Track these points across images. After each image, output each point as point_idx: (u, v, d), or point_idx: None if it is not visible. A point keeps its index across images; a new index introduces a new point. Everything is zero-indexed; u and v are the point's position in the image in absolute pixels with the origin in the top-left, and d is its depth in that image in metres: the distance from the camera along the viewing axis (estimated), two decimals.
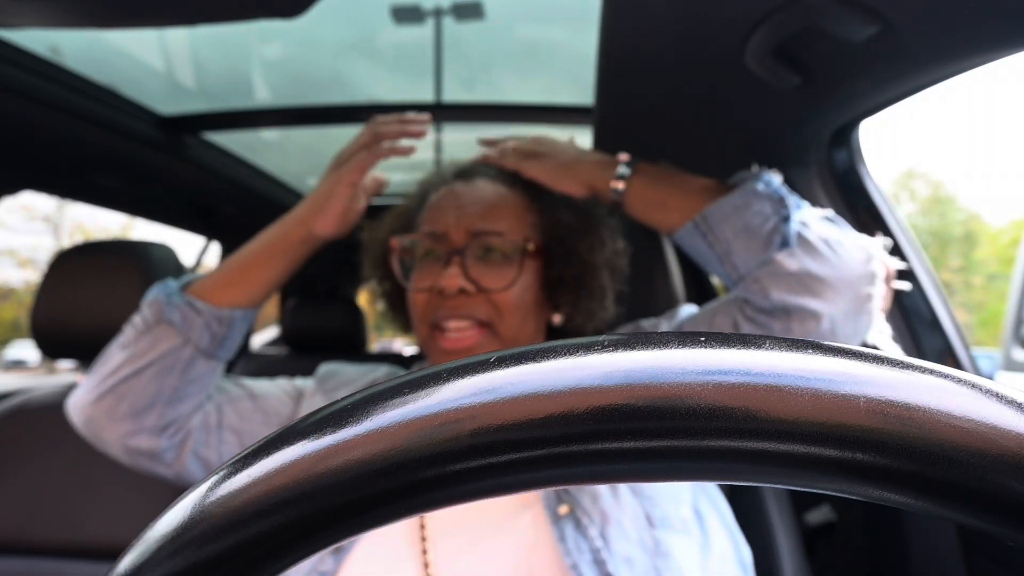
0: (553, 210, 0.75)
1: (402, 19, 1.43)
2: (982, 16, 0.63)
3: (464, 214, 0.70)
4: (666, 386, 0.14)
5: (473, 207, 0.70)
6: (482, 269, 0.68)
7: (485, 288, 0.67)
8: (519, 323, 0.69)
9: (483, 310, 0.67)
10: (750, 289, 0.65)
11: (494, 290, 0.67)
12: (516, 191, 0.74)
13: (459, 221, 0.69)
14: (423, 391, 0.15)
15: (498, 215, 0.70)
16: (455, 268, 0.66)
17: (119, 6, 0.76)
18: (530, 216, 0.73)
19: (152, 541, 0.15)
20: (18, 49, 1.02)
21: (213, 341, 0.70)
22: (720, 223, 0.67)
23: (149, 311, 0.71)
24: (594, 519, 0.56)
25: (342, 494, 0.15)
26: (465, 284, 0.66)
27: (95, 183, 1.39)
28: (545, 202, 0.75)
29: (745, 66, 0.83)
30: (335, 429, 0.15)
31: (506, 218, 0.71)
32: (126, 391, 0.67)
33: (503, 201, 0.72)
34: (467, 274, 0.66)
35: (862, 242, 0.68)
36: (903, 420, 0.14)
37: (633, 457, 0.15)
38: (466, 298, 0.66)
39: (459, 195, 0.72)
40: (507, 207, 0.72)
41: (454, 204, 0.71)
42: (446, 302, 0.67)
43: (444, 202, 0.72)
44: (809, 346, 0.15)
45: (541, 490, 0.59)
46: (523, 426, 0.14)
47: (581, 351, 0.15)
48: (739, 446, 0.14)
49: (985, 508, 0.14)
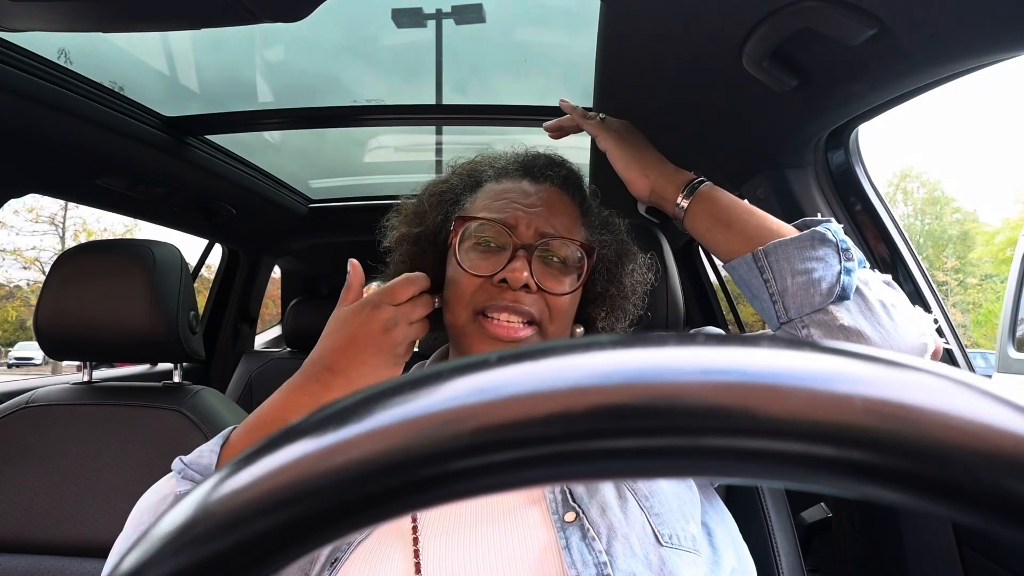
0: (598, 230, 0.77)
1: (403, 22, 1.44)
2: (978, 20, 0.64)
3: (536, 213, 0.70)
4: (665, 385, 0.15)
5: (544, 208, 0.71)
6: (544, 270, 0.69)
7: (546, 289, 0.68)
8: (563, 328, 0.70)
9: (538, 309, 0.67)
10: (795, 334, 0.64)
11: (554, 293, 0.68)
12: (575, 203, 0.76)
13: (531, 218, 0.69)
14: (424, 390, 0.16)
15: (565, 222, 0.72)
16: (522, 262, 0.66)
17: (124, 10, 0.77)
18: (583, 231, 0.75)
19: (155, 539, 0.15)
20: (24, 52, 1.02)
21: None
22: (782, 261, 0.65)
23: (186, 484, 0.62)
24: (601, 532, 0.55)
25: (344, 492, 0.15)
26: (530, 280, 0.66)
27: (100, 185, 1.40)
28: (590, 220, 0.77)
29: (743, 69, 0.83)
30: (336, 428, 0.15)
31: (571, 227, 0.72)
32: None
33: (568, 209, 0.73)
34: (532, 272, 0.67)
35: (917, 314, 0.66)
36: (899, 419, 0.14)
37: (632, 455, 0.15)
38: (525, 294, 0.67)
39: (529, 193, 0.72)
40: (571, 216, 0.73)
41: (525, 200, 0.71)
42: (504, 294, 0.66)
43: (512, 195, 0.72)
44: (807, 346, 0.16)
45: (547, 494, 0.58)
46: (523, 424, 0.15)
47: (581, 350, 0.16)
48: (737, 445, 0.14)
49: (980, 507, 0.14)
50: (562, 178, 0.75)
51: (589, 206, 0.78)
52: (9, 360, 17.23)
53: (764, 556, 0.84)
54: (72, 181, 1.38)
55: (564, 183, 0.75)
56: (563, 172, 0.76)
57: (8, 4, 0.73)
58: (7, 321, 18.99)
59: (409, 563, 0.56)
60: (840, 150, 1.07)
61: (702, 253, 2.11)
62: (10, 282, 19.21)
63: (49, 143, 1.19)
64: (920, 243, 22.56)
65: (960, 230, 22.55)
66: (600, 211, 0.80)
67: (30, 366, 16.12)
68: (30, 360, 16.23)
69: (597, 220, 0.78)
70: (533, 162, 0.77)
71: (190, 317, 1.12)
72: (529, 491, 0.60)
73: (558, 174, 0.75)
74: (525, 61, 1.58)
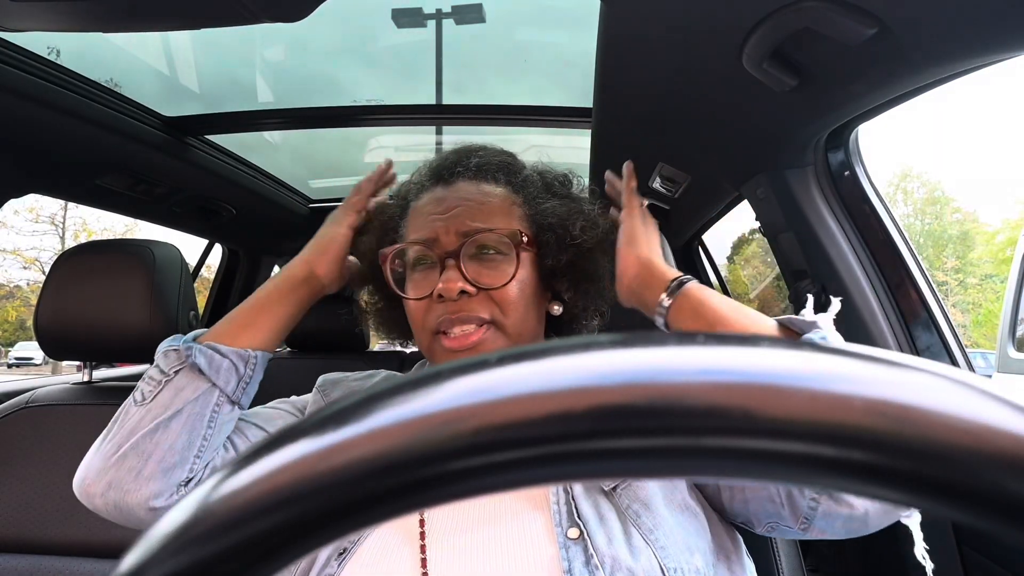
0: (537, 200, 0.73)
1: (403, 22, 1.44)
2: (978, 20, 0.64)
3: (451, 216, 0.68)
4: (665, 385, 0.15)
5: (459, 208, 0.69)
6: (479, 268, 0.67)
7: (485, 286, 0.66)
8: (522, 317, 0.68)
9: (486, 309, 0.66)
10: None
11: (494, 287, 0.66)
12: (498, 186, 0.73)
13: (448, 224, 0.68)
14: (424, 390, 0.16)
15: (485, 212, 0.69)
16: (452, 271, 0.65)
17: (124, 10, 0.77)
18: (516, 209, 0.72)
19: (156, 539, 0.15)
20: (23, 52, 1.02)
21: (240, 384, 0.68)
22: None
23: (167, 360, 0.67)
24: (605, 562, 0.54)
25: (344, 492, 0.15)
26: (465, 285, 0.65)
27: (100, 185, 1.40)
28: (528, 193, 0.74)
29: (743, 69, 0.83)
30: (337, 428, 0.15)
31: (494, 214, 0.69)
32: (152, 448, 0.63)
33: (487, 198, 0.71)
34: (465, 275, 0.65)
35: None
36: (899, 419, 0.14)
37: (632, 455, 0.15)
38: (467, 300, 0.66)
39: (442, 199, 0.71)
40: (492, 203, 0.71)
41: (439, 208, 0.70)
42: (448, 307, 0.65)
43: (428, 208, 0.71)
44: (807, 346, 0.16)
45: (552, 504, 0.58)
46: (524, 424, 0.15)
47: (581, 350, 0.16)
48: (737, 445, 0.14)
49: (980, 507, 0.14)
50: (475, 168, 0.73)
51: (522, 182, 0.74)
52: (9, 360, 17.25)
53: (764, 556, 0.84)
54: (72, 181, 1.38)
55: (478, 173, 0.73)
56: (474, 161, 0.74)
57: (8, 4, 0.73)
58: (7, 321, 19.00)
59: (416, 566, 0.56)
60: (840, 150, 1.07)
61: (702, 253, 2.12)
62: (10, 282, 19.23)
63: (49, 143, 1.19)
64: (920, 243, 22.60)
65: (960, 230, 22.59)
66: (541, 178, 0.77)
67: (30, 366, 16.13)
68: (30, 360, 16.25)
69: (535, 190, 0.74)
70: (442, 165, 0.75)
71: (190, 317, 1.12)
72: (533, 497, 0.60)
73: (468, 166, 0.73)
74: (525, 61, 1.58)
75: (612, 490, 0.60)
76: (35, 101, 1.05)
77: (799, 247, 1.14)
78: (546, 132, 1.60)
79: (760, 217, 1.27)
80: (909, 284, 1.05)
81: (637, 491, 0.59)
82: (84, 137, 1.20)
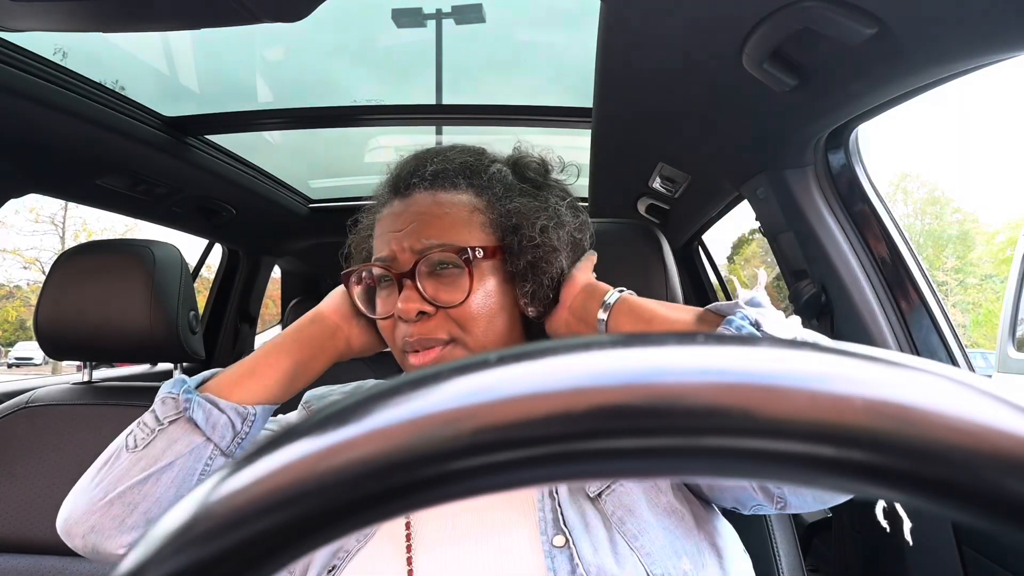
0: (501, 201, 0.69)
1: (403, 22, 1.44)
2: (978, 20, 0.64)
3: (405, 234, 0.66)
4: (665, 385, 0.15)
5: (412, 225, 0.67)
6: (436, 285, 0.65)
7: (443, 304, 0.64)
8: (484, 331, 0.66)
9: (444, 329, 0.65)
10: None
11: (452, 305, 0.64)
12: (458, 192, 0.69)
13: (402, 242, 0.66)
14: (424, 390, 0.16)
15: (439, 226, 0.66)
16: (409, 291, 0.64)
17: (124, 10, 0.77)
18: (477, 216, 0.68)
19: (156, 539, 0.15)
20: (24, 52, 1.02)
21: (235, 440, 0.66)
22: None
23: (164, 408, 0.65)
24: (591, 571, 0.54)
25: (344, 491, 0.15)
26: (422, 306, 0.64)
27: (100, 185, 1.40)
28: (493, 194, 0.70)
29: (743, 69, 0.83)
30: (337, 428, 0.15)
31: (449, 227, 0.67)
32: (139, 499, 0.61)
33: (442, 209, 0.68)
34: (423, 295, 0.64)
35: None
36: (899, 419, 0.14)
37: (631, 455, 0.15)
38: (426, 320, 0.64)
39: (397, 215, 0.68)
40: (448, 215, 0.67)
41: (394, 226, 0.68)
42: (409, 328, 0.64)
43: (386, 223, 0.69)
44: (807, 346, 0.16)
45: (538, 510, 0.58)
46: (523, 424, 0.15)
47: (581, 350, 0.16)
48: (737, 445, 0.14)
49: (981, 506, 0.14)
50: (430, 177, 0.69)
51: (486, 183, 0.70)
52: (9, 360, 17.25)
53: (764, 556, 0.84)
54: (72, 181, 1.38)
55: (434, 182, 0.69)
56: (430, 169, 0.69)
57: (8, 4, 0.73)
58: (7, 321, 19.00)
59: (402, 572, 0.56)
60: (840, 150, 1.07)
61: (702, 253, 2.12)
62: (10, 282, 19.24)
63: (49, 143, 1.19)
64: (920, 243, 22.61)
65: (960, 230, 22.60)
66: (514, 170, 0.73)
67: (30, 366, 16.13)
68: (30, 360, 16.24)
69: (501, 189, 0.70)
70: (398, 176, 0.71)
71: (190, 317, 1.12)
72: (520, 506, 0.60)
73: (424, 175, 0.69)
74: (525, 61, 1.58)
75: (597, 496, 0.60)
76: (35, 101, 1.05)
77: (799, 247, 1.14)
78: (546, 132, 1.60)
79: (760, 217, 1.27)
80: (909, 284, 1.05)
81: (622, 497, 0.59)
82: (84, 137, 1.20)
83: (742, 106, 0.97)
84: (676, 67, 0.93)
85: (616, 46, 0.92)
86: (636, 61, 0.94)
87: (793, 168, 1.08)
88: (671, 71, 0.94)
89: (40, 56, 1.05)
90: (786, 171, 1.09)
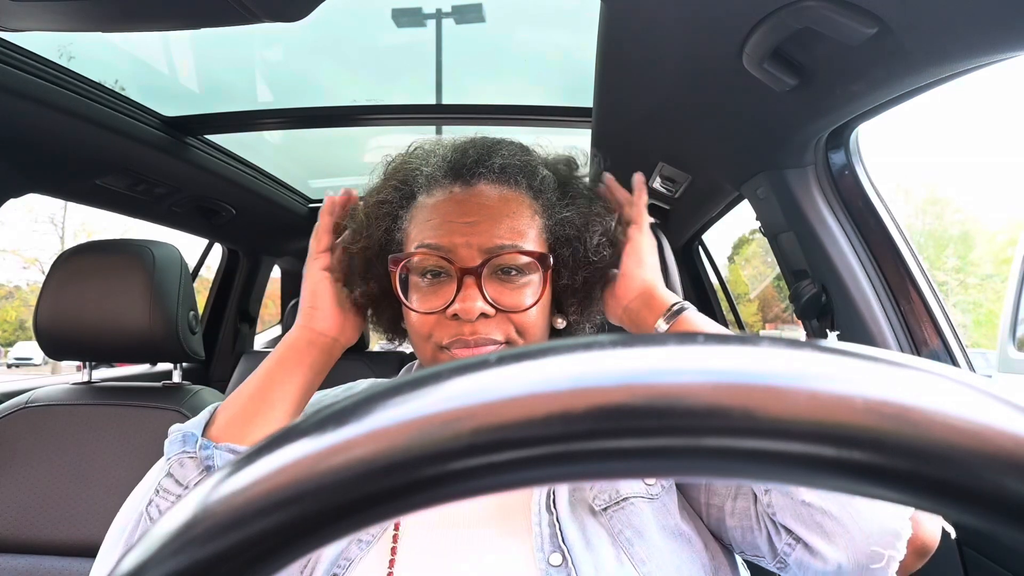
0: (555, 208, 0.66)
1: (403, 22, 1.44)
2: (978, 20, 0.64)
3: (474, 229, 0.61)
4: (665, 385, 0.15)
5: (483, 219, 0.61)
6: (499, 288, 0.61)
7: (506, 308, 0.61)
8: (539, 337, 0.64)
9: (503, 331, 0.61)
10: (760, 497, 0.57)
11: (517, 311, 0.61)
12: (520, 191, 0.65)
13: (470, 237, 0.61)
14: (424, 390, 0.16)
15: (509, 227, 0.62)
16: (472, 290, 0.59)
17: (124, 10, 0.77)
18: (538, 220, 0.65)
19: (155, 539, 0.15)
20: (24, 52, 1.02)
21: None
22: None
23: (184, 471, 0.59)
24: None
25: (344, 492, 0.15)
26: (485, 308, 0.59)
27: (100, 185, 1.40)
28: (546, 200, 0.66)
29: (743, 68, 0.83)
30: (336, 428, 0.15)
31: (520, 230, 0.62)
32: None
33: (510, 208, 0.63)
34: (485, 297, 0.59)
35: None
36: (900, 419, 0.14)
37: (632, 455, 0.15)
38: (485, 321, 0.60)
39: (462, 203, 0.63)
40: (516, 215, 0.63)
41: (458, 215, 0.62)
42: (463, 327, 0.60)
43: (445, 211, 0.63)
44: (807, 346, 0.15)
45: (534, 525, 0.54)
46: (523, 425, 0.15)
47: (581, 350, 0.16)
48: (737, 445, 0.14)
49: (981, 507, 0.14)
50: (498, 170, 0.64)
51: (540, 185, 0.66)
52: (9, 360, 17.25)
53: None
54: (72, 181, 1.38)
55: (501, 175, 0.64)
56: (498, 162, 0.65)
57: (8, 4, 0.73)
58: (7, 321, 18.99)
59: None
60: (840, 150, 1.07)
61: (702, 253, 2.12)
62: (10, 282, 19.23)
63: (49, 143, 1.19)
64: (921, 243, 22.61)
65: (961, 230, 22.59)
66: (555, 174, 0.69)
67: (30, 366, 16.12)
68: (30, 360, 16.24)
69: (552, 194, 0.67)
70: (461, 161, 0.65)
71: (190, 317, 1.12)
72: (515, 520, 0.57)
73: (492, 167, 0.64)
74: (525, 61, 1.58)
75: (604, 510, 0.57)
76: (35, 101, 1.05)
77: (799, 247, 1.14)
78: (546, 131, 1.60)
79: (760, 217, 1.27)
80: (909, 284, 1.04)
81: (631, 516, 0.56)
82: (84, 137, 1.20)
83: (742, 106, 0.97)
84: (676, 67, 0.93)
85: (616, 46, 0.92)
86: (636, 61, 0.94)
87: (793, 168, 1.08)
88: (671, 71, 0.94)
89: (40, 56, 1.05)
90: (786, 171, 1.09)
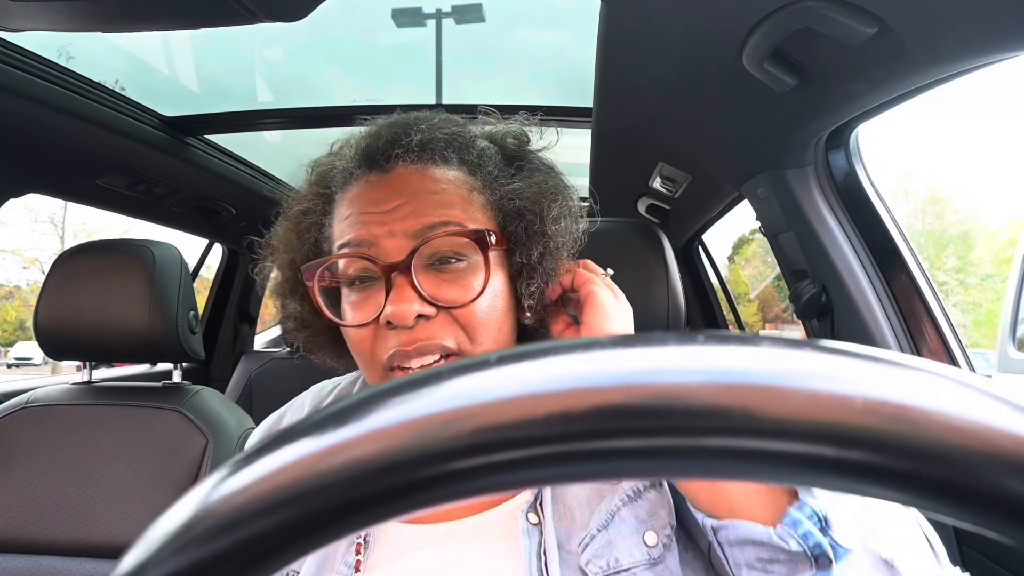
0: (499, 180, 0.57)
1: (403, 22, 1.44)
2: (978, 20, 0.64)
3: (395, 215, 0.52)
4: (665, 385, 0.15)
5: (401, 203, 0.52)
6: (437, 281, 0.51)
7: (447, 304, 0.51)
8: (493, 338, 0.53)
9: (449, 334, 0.51)
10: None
11: (459, 305, 0.51)
12: (450, 167, 0.56)
13: (391, 225, 0.51)
14: (425, 390, 0.16)
15: (437, 204, 0.52)
16: (403, 290, 0.49)
17: (124, 10, 0.77)
18: (476, 196, 0.55)
19: (155, 539, 0.15)
20: (24, 52, 1.02)
21: None
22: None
23: None
24: None
25: (344, 492, 0.15)
26: (422, 308, 0.50)
27: (100, 185, 1.40)
28: (486, 173, 0.57)
29: (743, 69, 0.83)
30: (336, 428, 0.15)
31: (452, 205, 0.53)
32: None
33: (438, 185, 0.54)
34: (420, 293, 0.50)
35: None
36: (899, 419, 0.14)
37: (632, 455, 0.15)
38: (426, 324, 0.50)
39: (379, 190, 0.54)
40: (446, 191, 0.54)
41: (375, 204, 0.53)
42: (400, 336, 0.50)
43: (360, 203, 0.54)
44: (806, 345, 0.15)
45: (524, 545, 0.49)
46: (523, 425, 0.15)
47: (581, 350, 0.16)
48: (737, 445, 0.14)
49: (981, 507, 0.14)
50: (417, 147, 0.55)
51: (478, 159, 0.57)
52: (9, 360, 17.24)
53: None
54: (72, 181, 1.38)
55: (423, 153, 0.55)
56: (416, 139, 0.55)
57: (8, 4, 0.73)
58: (7, 321, 18.99)
59: None
60: (840, 150, 1.07)
61: (702, 253, 2.12)
62: (10, 282, 19.24)
63: (49, 143, 1.19)
64: (921, 243, 22.61)
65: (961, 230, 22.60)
66: (498, 147, 0.61)
67: (30, 366, 16.12)
68: (29, 360, 16.24)
69: (494, 167, 0.58)
70: (374, 145, 0.56)
71: (190, 317, 1.12)
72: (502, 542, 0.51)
73: (409, 146, 0.55)
74: (525, 60, 1.58)
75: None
76: (35, 101, 1.05)
77: (799, 247, 1.14)
78: (546, 131, 1.60)
79: (760, 217, 1.27)
80: (909, 284, 1.04)
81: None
82: (84, 137, 1.20)
83: (742, 106, 0.97)
84: (676, 67, 0.92)
85: (616, 46, 0.92)
86: (636, 61, 0.94)
87: (793, 168, 1.08)
88: (671, 71, 0.94)
89: (40, 56, 1.05)
90: (786, 171, 1.09)
